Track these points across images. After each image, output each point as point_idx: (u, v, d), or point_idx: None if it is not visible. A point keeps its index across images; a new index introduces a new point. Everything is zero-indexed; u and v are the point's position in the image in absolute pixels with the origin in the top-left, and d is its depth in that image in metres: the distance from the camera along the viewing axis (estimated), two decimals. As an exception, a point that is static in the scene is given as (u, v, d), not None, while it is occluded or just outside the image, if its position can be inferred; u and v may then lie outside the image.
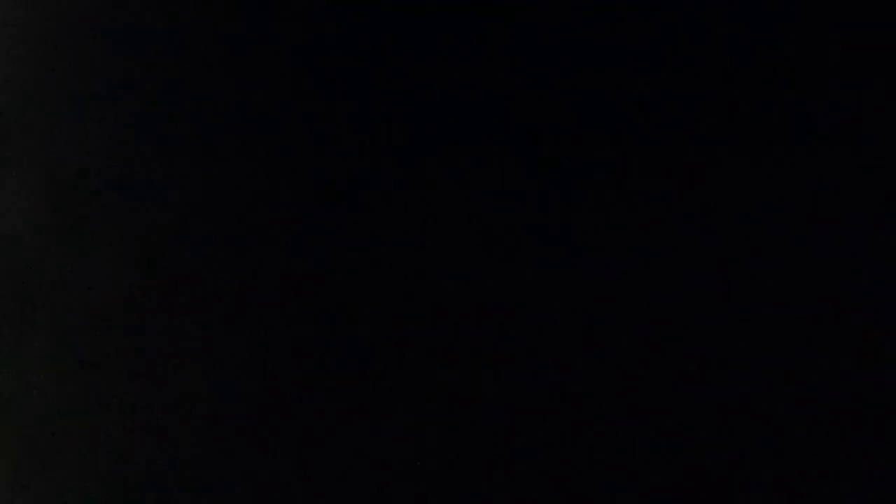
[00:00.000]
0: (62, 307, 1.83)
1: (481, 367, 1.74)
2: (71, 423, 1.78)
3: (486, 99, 1.81)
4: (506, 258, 1.76)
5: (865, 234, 1.68)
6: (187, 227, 1.84)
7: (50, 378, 1.81)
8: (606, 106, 1.77)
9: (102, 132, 1.90)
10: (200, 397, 1.77)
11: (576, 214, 1.75)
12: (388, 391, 1.75)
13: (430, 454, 1.72)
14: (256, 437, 1.75)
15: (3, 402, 1.81)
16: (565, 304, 1.74)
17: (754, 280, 1.70)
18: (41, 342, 1.83)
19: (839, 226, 1.69)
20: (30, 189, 1.90)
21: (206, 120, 1.87)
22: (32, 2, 1.97)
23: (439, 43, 1.83)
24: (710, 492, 1.66)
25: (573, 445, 1.70)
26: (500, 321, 1.75)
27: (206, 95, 1.88)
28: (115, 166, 1.88)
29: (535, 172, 1.77)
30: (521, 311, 1.75)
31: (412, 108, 1.83)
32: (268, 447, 1.75)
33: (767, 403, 1.67)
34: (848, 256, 1.68)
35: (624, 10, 1.78)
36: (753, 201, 1.72)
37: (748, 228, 1.71)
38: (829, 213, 1.70)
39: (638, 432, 1.68)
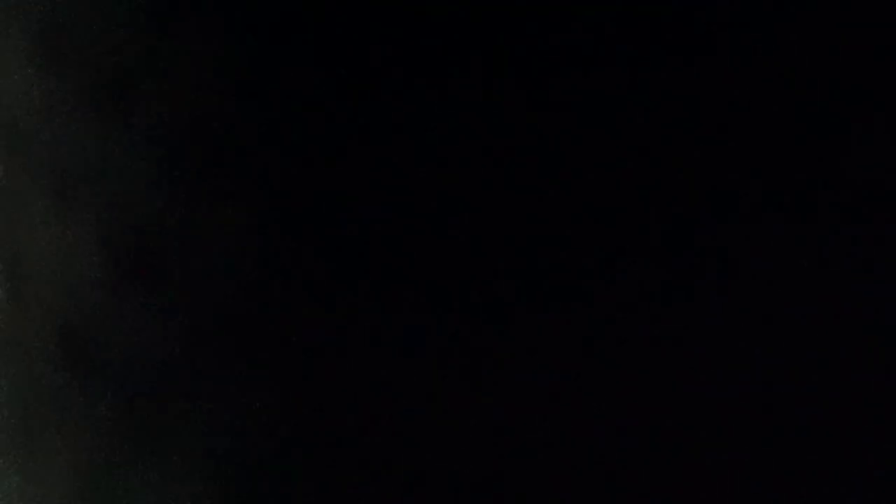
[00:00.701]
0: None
1: (479, 367, 1.74)
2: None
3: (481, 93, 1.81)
4: (506, 261, 1.77)
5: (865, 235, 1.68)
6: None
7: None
8: (606, 106, 1.77)
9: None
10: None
11: (576, 216, 1.76)
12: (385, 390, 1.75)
13: (430, 454, 1.72)
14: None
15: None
16: (566, 305, 1.74)
17: (755, 280, 1.70)
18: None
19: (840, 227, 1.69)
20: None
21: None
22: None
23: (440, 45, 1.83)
24: (711, 492, 1.66)
25: (573, 446, 1.70)
26: (499, 323, 1.75)
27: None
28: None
29: (534, 173, 1.78)
30: (520, 313, 1.75)
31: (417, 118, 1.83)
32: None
33: (767, 403, 1.67)
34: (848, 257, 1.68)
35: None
36: (755, 202, 1.72)
37: (750, 228, 1.71)
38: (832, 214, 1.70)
39: (639, 433, 1.69)
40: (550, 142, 1.77)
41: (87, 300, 1.81)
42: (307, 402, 1.77)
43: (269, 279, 1.80)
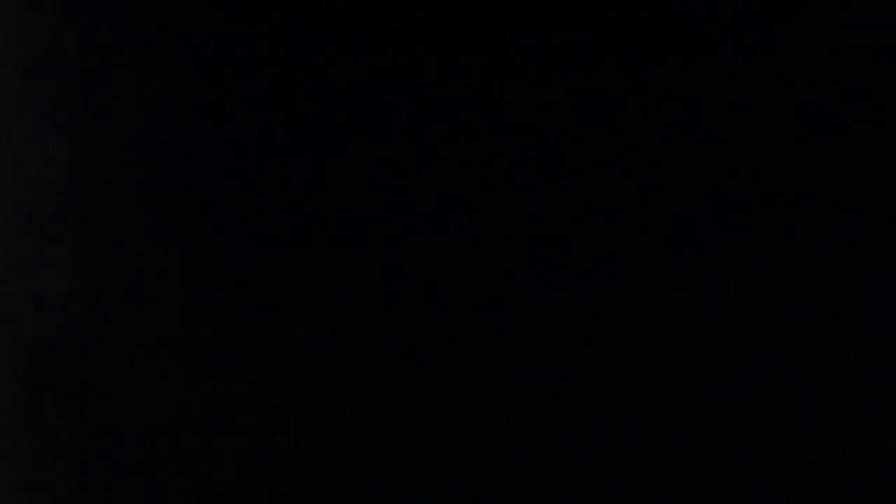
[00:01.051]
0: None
1: (480, 366, 1.74)
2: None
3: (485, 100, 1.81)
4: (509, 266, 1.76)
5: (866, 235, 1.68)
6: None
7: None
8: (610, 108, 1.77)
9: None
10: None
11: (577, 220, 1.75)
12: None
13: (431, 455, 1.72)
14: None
15: None
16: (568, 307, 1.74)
17: (755, 280, 1.70)
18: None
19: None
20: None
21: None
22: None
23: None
24: (711, 492, 1.66)
25: (574, 446, 1.70)
26: (499, 323, 1.75)
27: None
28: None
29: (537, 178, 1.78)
30: (522, 314, 1.75)
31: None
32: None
33: (767, 403, 1.67)
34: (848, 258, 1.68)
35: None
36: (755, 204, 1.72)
37: (750, 228, 1.71)
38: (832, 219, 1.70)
39: (640, 433, 1.68)
40: (550, 142, 1.77)
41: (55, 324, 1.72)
42: (307, 403, 1.77)
43: (263, 294, 1.79)
